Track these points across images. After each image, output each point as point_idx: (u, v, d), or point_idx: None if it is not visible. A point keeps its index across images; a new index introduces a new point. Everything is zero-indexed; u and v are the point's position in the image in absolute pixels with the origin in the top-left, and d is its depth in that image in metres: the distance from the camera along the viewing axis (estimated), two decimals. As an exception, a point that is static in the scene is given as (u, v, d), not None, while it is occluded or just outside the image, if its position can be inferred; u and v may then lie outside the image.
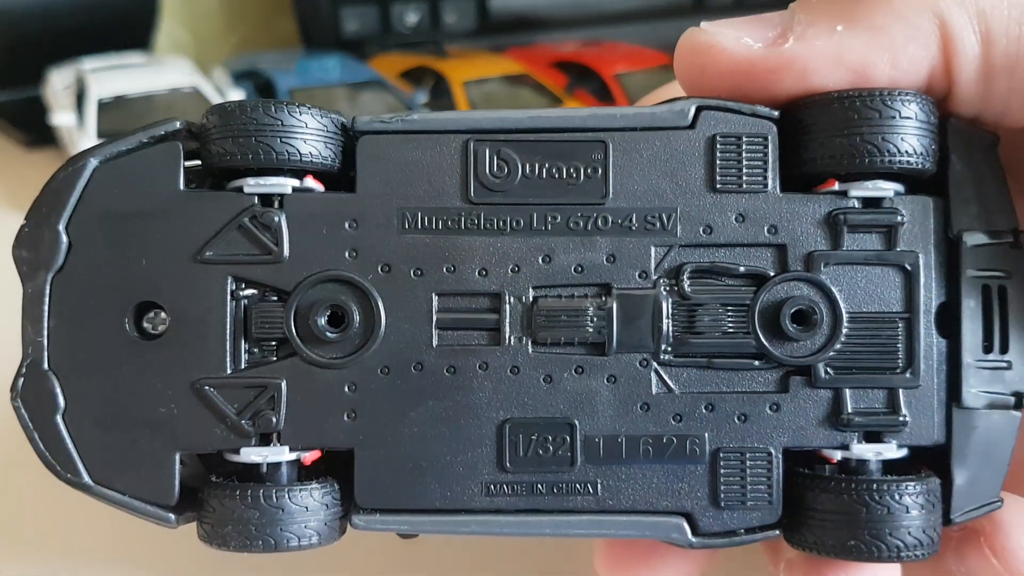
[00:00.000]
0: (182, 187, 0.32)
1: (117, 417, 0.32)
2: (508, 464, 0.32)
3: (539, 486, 0.32)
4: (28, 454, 0.32)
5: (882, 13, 0.32)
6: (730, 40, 0.33)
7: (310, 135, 0.32)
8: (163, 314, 0.32)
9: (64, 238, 0.32)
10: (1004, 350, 0.33)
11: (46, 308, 0.32)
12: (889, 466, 0.32)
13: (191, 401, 0.32)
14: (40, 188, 0.32)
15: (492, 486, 0.32)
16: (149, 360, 0.32)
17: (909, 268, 0.32)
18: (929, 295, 0.32)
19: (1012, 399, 0.32)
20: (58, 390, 0.32)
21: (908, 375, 0.32)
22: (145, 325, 0.33)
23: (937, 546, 0.32)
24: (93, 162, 0.32)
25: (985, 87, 0.32)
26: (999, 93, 0.32)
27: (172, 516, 0.32)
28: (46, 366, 0.32)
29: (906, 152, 0.31)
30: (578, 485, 0.33)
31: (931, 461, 0.33)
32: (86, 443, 0.32)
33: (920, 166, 0.32)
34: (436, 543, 0.47)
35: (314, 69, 0.96)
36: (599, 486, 0.33)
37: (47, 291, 0.32)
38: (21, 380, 0.32)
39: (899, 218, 0.32)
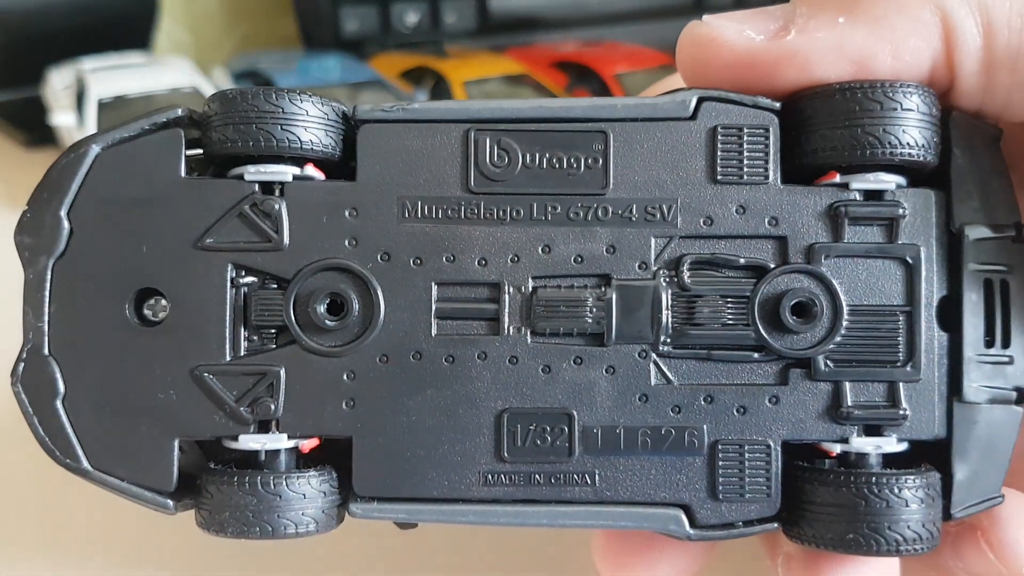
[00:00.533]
0: (183, 174, 0.32)
1: (116, 403, 0.32)
2: (506, 454, 0.32)
3: (537, 476, 0.32)
4: (26, 442, 0.32)
5: (884, 5, 0.32)
6: (732, 33, 0.33)
7: (311, 123, 0.32)
8: (163, 301, 0.32)
9: (66, 224, 0.32)
10: (1006, 344, 0.33)
11: (47, 293, 0.32)
12: (889, 460, 0.32)
13: (190, 388, 0.32)
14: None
15: (490, 476, 0.32)
16: (149, 346, 0.32)
17: (910, 261, 0.32)
18: (930, 288, 0.32)
19: (1014, 394, 0.32)
20: (58, 375, 0.32)
21: (909, 368, 0.32)
22: (145, 312, 0.33)
23: (937, 540, 0.32)
24: (95, 149, 0.32)
25: (987, 80, 0.32)
26: (1001, 86, 0.32)
27: (170, 502, 0.32)
28: (46, 351, 0.32)
29: (907, 144, 0.31)
30: (576, 476, 0.32)
31: (933, 456, 0.33)
32: (85, 428, 0.32)
33: (921, 158, 0.31)
34: (436, 533, 0.47)
35: (314, 69, 0.96)
36: (597, 477, 0.32)
37: (48, 276, 0.32)
38: (21, 365, 0.32)
39: (900, 211, 0.32)
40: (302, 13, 1.11)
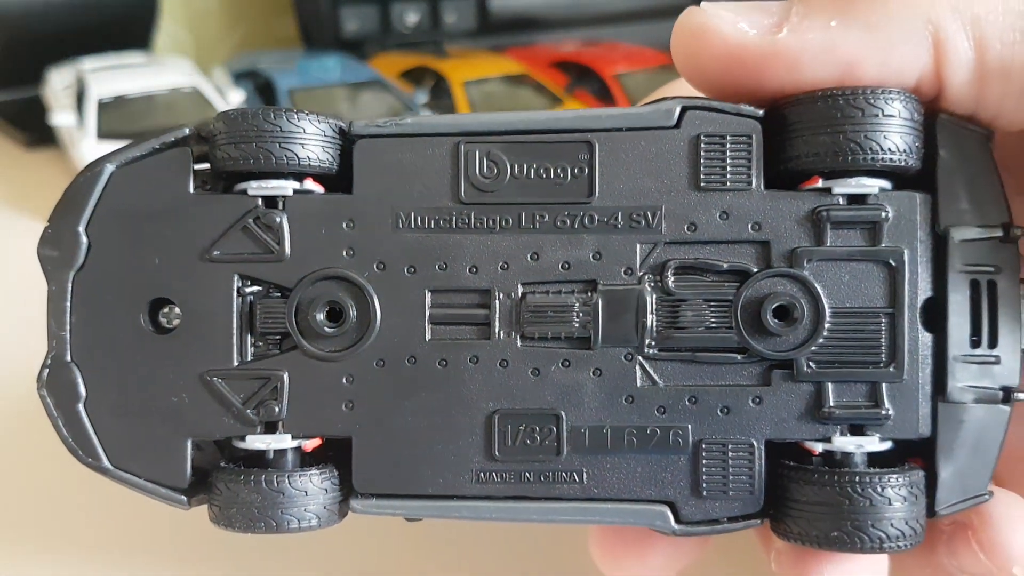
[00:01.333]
0: (191, 190, 0.34)
1: (133, 405, 0.33)
2: (497, 453, 0.33)
3: (527, 474, 0.33)
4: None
5: (877, 12, 0.32)
6: (727, 24, 0.33)
7: (308, 140, 0.33)
8: (176, 309, 0.34)
9: (84, 239, 0.33)
10: (993, 345, 0.32)
11: (68, 304, 0.33)
12: (877, 458, 0.33)
13: (200, 391, 0.33)
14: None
15: (482, 474, 0.33)
16: (162, 353, 0.33)
17: (893, 264, 0.32)
18: (914, 290, 0.32)
19: (1000, 393, 0.32)
20: (80, 380, 0.33)
21: (891, 369, 0.32)
22: (160, 320, 0.34)
23: (921, 537, 0.32)
24: (110, 167, 0.34)
25: (979, 90, 0.32)
26: (992, 96, 0.32)
27: (184, 498, 0.33)
28: (69, 358, 0.33)
29: (889, 150, 0.31)
30: (564, 474, 0.33)
31: (925, 453, 0.33)
32: (105, 430, 0.33)
33: (904, 163, 0.32)
34: (438, 528, 0.48)
35: (314, 69, 0.97)
36: (584, 475, 0.33)
37: (69, 288, 0.33)
38: (46, 371, 0.33)
39: (883, 214, 0.32)
40: (302, 13, 1.11)
